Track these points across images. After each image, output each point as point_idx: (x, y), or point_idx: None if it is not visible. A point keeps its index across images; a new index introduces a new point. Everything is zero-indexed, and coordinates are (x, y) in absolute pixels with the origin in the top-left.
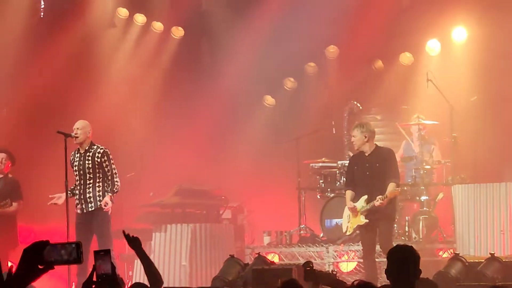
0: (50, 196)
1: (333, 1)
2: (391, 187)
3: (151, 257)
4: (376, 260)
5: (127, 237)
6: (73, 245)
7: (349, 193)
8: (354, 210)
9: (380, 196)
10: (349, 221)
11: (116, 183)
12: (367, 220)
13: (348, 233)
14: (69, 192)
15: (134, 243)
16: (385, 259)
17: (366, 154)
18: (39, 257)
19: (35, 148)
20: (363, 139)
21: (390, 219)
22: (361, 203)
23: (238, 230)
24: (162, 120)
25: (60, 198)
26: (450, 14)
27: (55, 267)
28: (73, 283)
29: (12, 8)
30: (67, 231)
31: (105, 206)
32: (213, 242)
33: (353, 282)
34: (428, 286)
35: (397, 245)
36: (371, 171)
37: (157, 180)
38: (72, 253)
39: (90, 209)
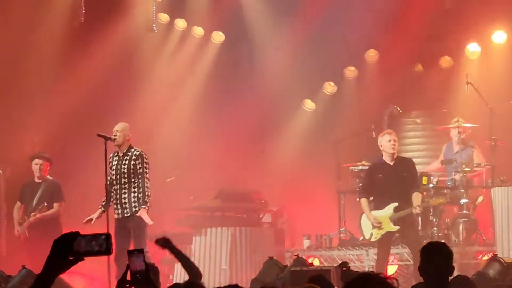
0: (86, 220)
1: (373, 5)
2: (419, 196)
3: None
4: (409, 263)
5: (156, 241)
6: (103, 236)
7: (365, 202)
8: (378, 223)
9: (419, 207)
10: (373, 227)
11: (146, 192)
12: (398, 227)
13: (373, 239)
14: (101, 208)
15: (164, 242)
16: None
17: (391, 164)
18: (69, 248)
19: (76, 151)
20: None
21: (416, 225)
22: (389, 211)
23: (278, 233)
24: (202, 124)
25: (94, 216)
26: (490, 18)
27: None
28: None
29: (54, 12)
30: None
31: (147, 222)
32: (253, 246)
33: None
34: (465, 284)
35: (430, 242)
36: (399, 180)
37: (198, 183)
38: (103, 244)
39: (125, 215)
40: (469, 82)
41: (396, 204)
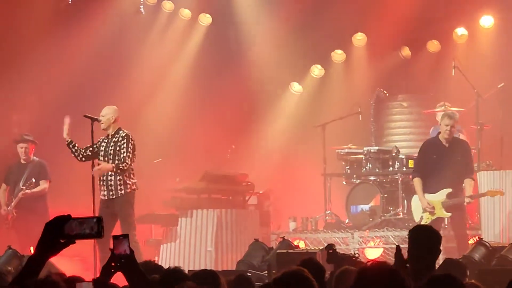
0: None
1: None
2: (471, 185)
3: (177, 242)
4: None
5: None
6: (95, 220)
7: (418, 182)
8: (431, 207)
9: (472, 197)
10: (424, 211)
11: (126, 160)
12: (450, 214)
13: (422, 223)
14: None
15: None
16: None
17: (446, 145)
18: (60, 231)
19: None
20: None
21: (465, 209)
22: (442, 196)
23: (263, 216)
24: (189, 106)
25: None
26: (477, 2)
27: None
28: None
29: None
30: (93, 215)
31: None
32: (239, 228)
33: (367, 262)
34: (456, 267)
35: (417, 225)
36: (452, 164)
37: (184, 165)
38: (94, 227)
39: (111, 197)
40: (456, 66)
41: (450, 190)
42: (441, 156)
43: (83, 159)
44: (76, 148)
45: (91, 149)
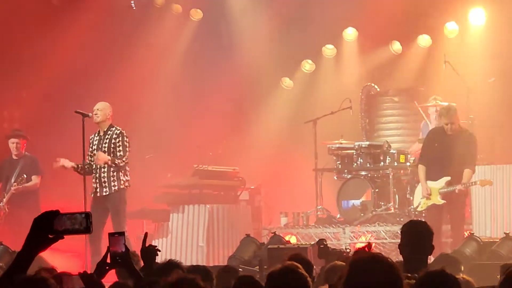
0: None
1: None
2: (468, 174)
3: (169, 238)
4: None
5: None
6: (83, 215)
7: (422, 169)
8: (429, 194)
9: (463, 185)
10: (423, 197)
11: (123, 158)
12: (444, 201)
13: (419, 209)
14: (79, 165)
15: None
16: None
17: (449, 134)
18: (49, 226)
19: (55, 128)
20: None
21: (464, 203)
22: (441, 184)
23: (255, 211)
24: (181, 102)
25: (65, 162)
26: None
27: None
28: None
29: None
30: (84, 210)
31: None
32: (230, 223)
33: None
34: (450, 262)
35: (410, 220)
36: (455, 154)
37: (175, 161)
38: (82, 223)
39: (104, 193)
40: (447, 60)
41: (449, 178)
42: (443, 145)
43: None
44: (85, 166)
45: (91, 155)
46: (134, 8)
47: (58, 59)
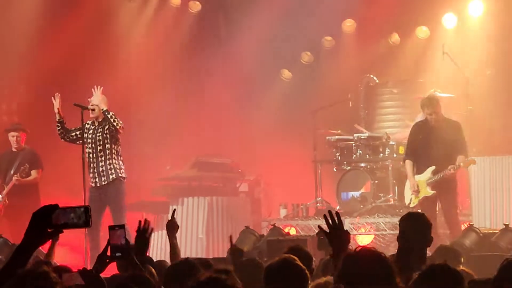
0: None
1: None
2: (461, 158)
3: None
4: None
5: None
6: (82, 209)
7: (409, 164)
8: (417, 189)
9: (453, 166)
10: (412, 193)
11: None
12: (434, 192)
13: (412, 205)
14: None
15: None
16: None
17: (433, 124)
18: (48, 220)
19: (54, 121)
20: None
21: (455, 191)
22: (427, 175)
23: (254, 203)
24: (179, 94)
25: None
26: None
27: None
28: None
29: None
30: (84, 203)
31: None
32: (230, 215)
33: (355, 248)
34: (450, 254)
35: (408, 212)
36: (439, 143)
37: (174, 153)
38: (81, 217)
39: (103, 183)
40: (446, 52)
41: (433, 167)
42: (427, 135)
43: (66, 139)
44: (64, 127)
45: (77, 133)
46: (132, 0)
47: (55, 51)
